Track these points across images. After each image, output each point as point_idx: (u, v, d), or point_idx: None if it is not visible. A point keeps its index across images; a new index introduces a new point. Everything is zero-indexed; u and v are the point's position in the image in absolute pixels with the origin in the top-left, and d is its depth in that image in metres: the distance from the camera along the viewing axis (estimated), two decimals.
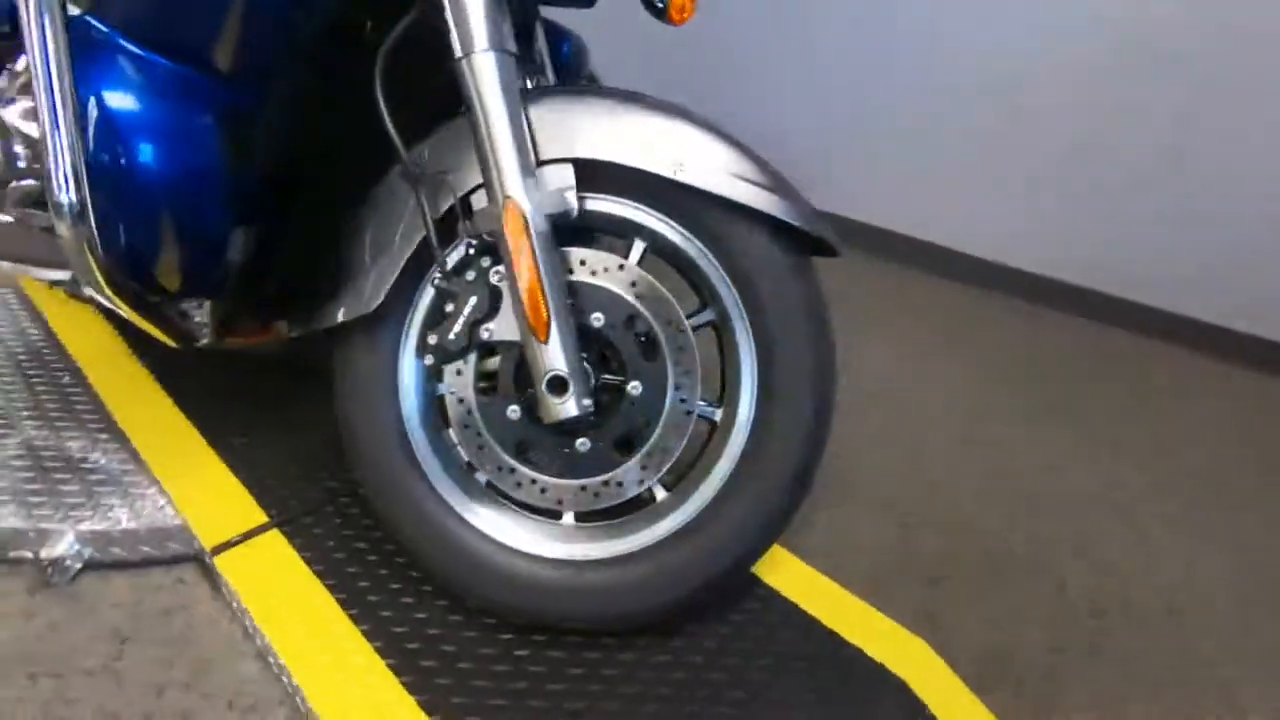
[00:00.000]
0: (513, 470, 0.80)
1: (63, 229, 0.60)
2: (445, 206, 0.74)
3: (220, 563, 0.90)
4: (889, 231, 2.21)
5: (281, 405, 1.20)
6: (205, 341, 0.90)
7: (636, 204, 0.77)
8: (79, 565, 0.92)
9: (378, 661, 0.81)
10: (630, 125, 0.73)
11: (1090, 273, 1.87)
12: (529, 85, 0.97)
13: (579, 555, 0.81)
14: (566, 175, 0.74)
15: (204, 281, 0.79)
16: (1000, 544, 1.10)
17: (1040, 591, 1.03)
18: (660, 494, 0.83)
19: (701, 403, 0.82)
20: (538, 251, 0.69)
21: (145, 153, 0.67)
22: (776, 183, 0.74)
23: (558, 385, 0.71)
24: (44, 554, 0.90)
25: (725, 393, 0.81)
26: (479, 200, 0.74)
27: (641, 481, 0.79)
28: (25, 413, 1.10)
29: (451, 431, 0.81)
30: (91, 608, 0.89)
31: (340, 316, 0.76)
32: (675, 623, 0.87)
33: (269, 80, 0.74)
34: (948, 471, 1.25)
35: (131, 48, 0.67)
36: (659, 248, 0.79)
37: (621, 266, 0.76)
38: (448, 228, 0.75)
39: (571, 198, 0.73)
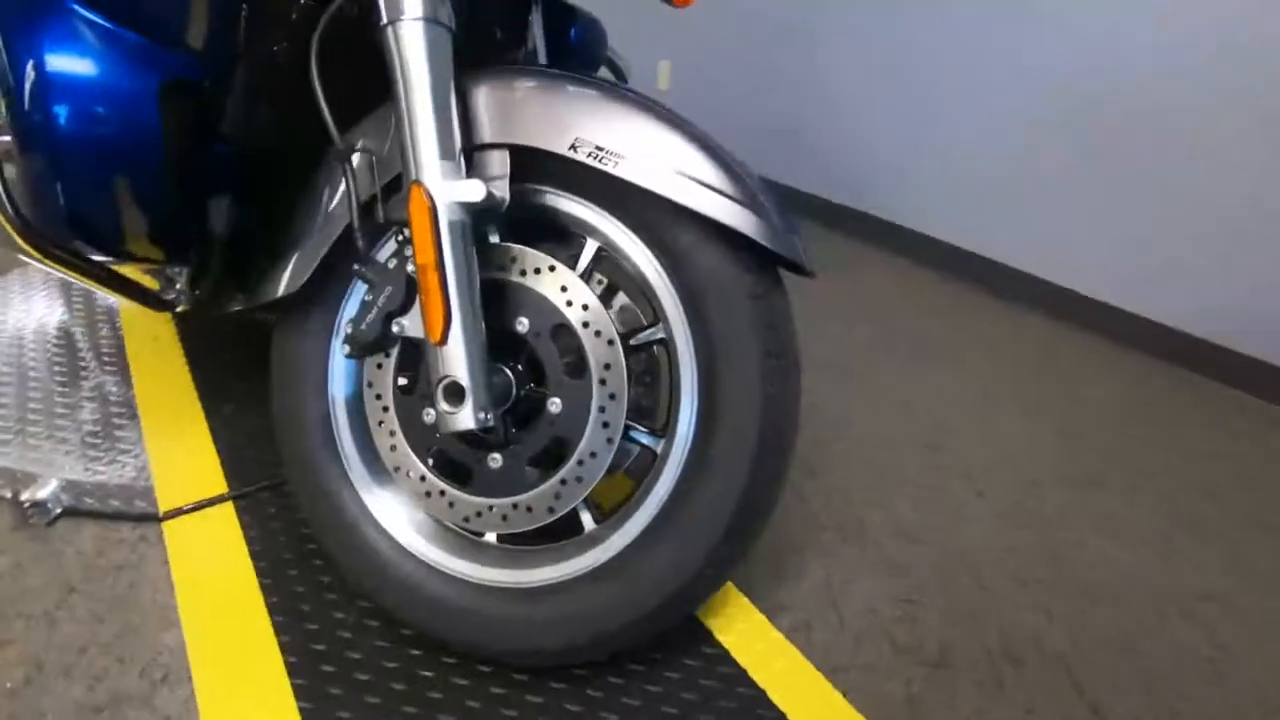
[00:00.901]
0: (423, 478, 0.74)
1: None
2: (371, 191, 0.69)
3: (168, 528, 0.91)
4: (993, 262, 1.99)
5: None
6: (181, 308, 0.91)
7: (587, 202, 0.69)
8: (58, 510, 0.96)
9: (277, 657, 0.78)
10: (582, 113, 0.64)
11: (1212, 321, 1.56)
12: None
13: (491, 579, 0.74)
14: (501, 162, 0.67)
15: (152, 245, 0.78)
16: (1024, 640, 0.91)
17: (1064, 711, 0.83)
18: (589, 524, 0.74)
19: (642, 429, 0.73)
20: (443, 243, 0.62)
21: (88, 113, 0.67)
22: (743, 191, 0.63)
23: (453, 392, 0.64)
24: (25, 496, 0.94)
25: (668, 422, 0.71)
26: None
27: (552, 510, 0.70)
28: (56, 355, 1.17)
29: (371, 429, 0.77)
30: (56, 553, 0.93)
31: (261, 297, 0.73)
32: (600, 667, 0.78)
33: (217, 52, 0.73)
34: (984, 541, 1.07)
35: (83, 11, 0.67)
36: (611, 253, 0.70)
37: (554, 269, 0.68)
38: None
39: (500, 187, 0.66)
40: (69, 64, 0.66)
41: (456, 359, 0.63)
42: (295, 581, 0.86)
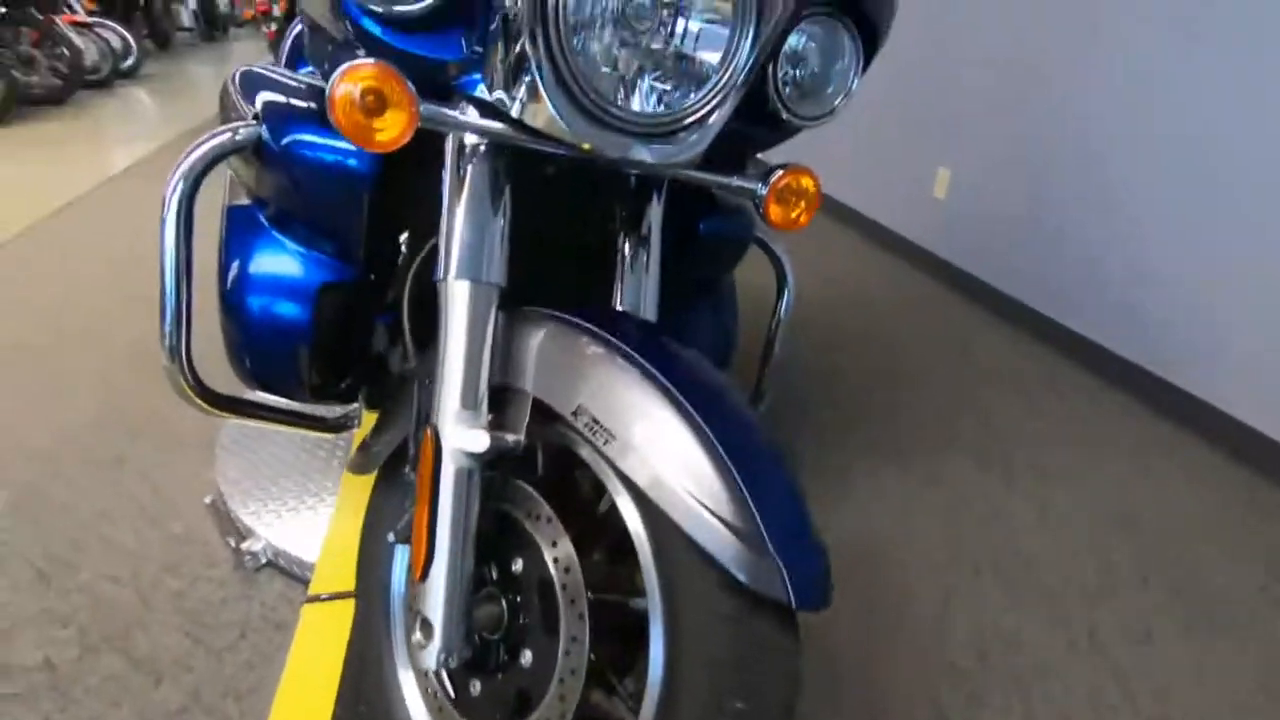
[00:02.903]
0: (427, 674, 0.78)
1: (164, 359, 0.82)
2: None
3: (305, 611, 1.11)
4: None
5: None
6: (356, 429, 1.12)
7: (597, 457, 0.68)
8: (263, 561, 1.23)
9: None
10: (592, 379, 0.64)
11: None
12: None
13: None
14: (521, 407, 0.69)
15: (325, 393, 0.97)
16: None
17: None
18: None
19: (620, 693, 0.68)
20: (440, 489, 0.66)
21: (271, 302, 0.87)
22: (735, 510, 0.55)
23: (425, 628, 0.67)
24: (244, 545, 1.23)
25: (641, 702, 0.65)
26: None
27: None
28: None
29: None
30: (248, 597, 1.19)
31: (349, 467, 0.85)
32: None
33: (378, 257, 0.88)
34: None
35: (271, 231, 0.88)
36: (616, 511, 0.68)
37: (550, 520, 0.68)
38: None
39: (516, 432, 0.68)
40: (259, 265, 0.87)
41: (433, 599, 0.66)
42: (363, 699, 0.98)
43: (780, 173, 0.76)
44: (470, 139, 0.67)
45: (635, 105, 0.62)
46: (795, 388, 1.99)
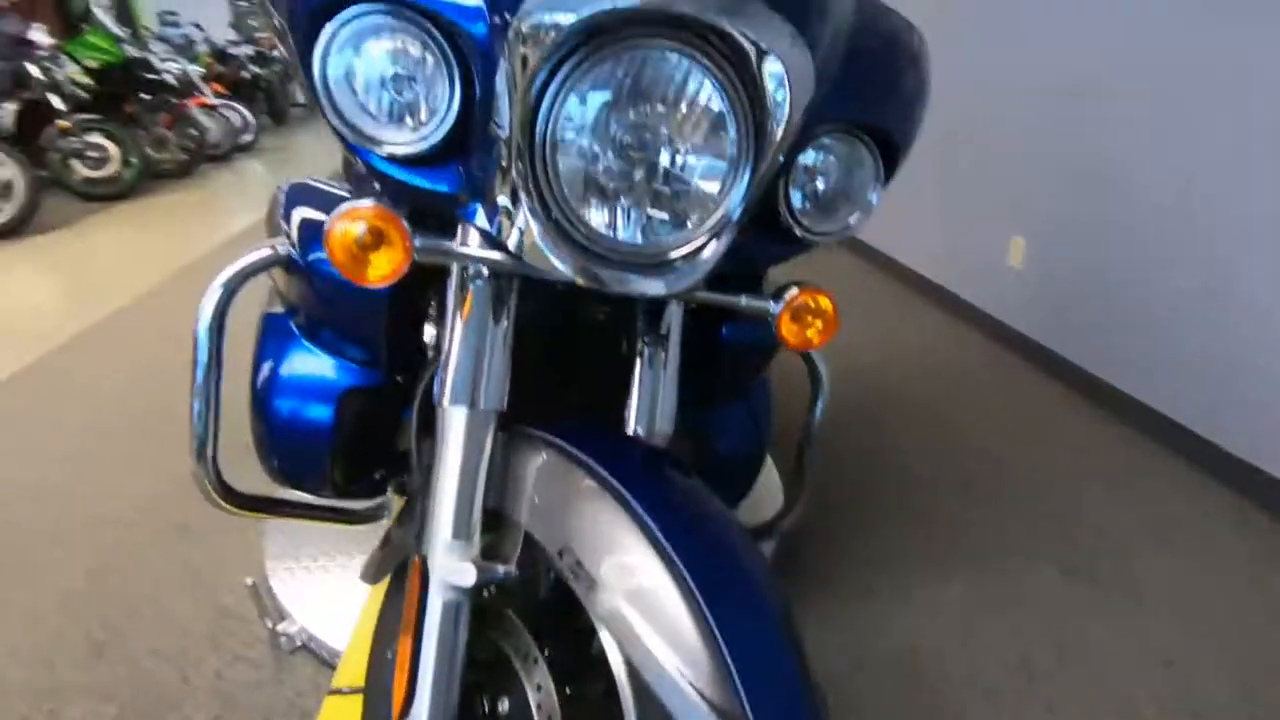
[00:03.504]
0: None
1: (192, 461, 0.85)
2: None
3: (327, 702, 1.10)
4: None
5: None
6: (386, 520, 1.13)
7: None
8: (298, 644, 1.25)
9: None
10: (580, 518, 0.61)
11: None
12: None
13: None
14: (514, 538, 0.67)
15: (350, 489, 0.99)
16: None
17: None
18: None
19: None
20: (425, 620, 0.64)
21: (294, 405, 0.90)
22: (725, 695, 0.50)
23: None
24: (280, 627, 1.25)
25: None
26: None
27: None
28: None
29: None
30: (280, 681, 1.20)
31: (361, 573, 0.85)
32: None
33: (399, 365, 0.90)
34: None
35: (300, 338, 0.91)
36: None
37: (536, 661, 0.65)
38: None
39: (508, 563, 0.66)
40: (287, 369, 0.91)
41: None
42: None
43: (795, 291, 0.73)
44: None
45: (626, 239, 0.61)
46: (849, 471, 1.89)
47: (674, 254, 0.63)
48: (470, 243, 0.66)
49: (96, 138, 4.55)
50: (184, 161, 5.34)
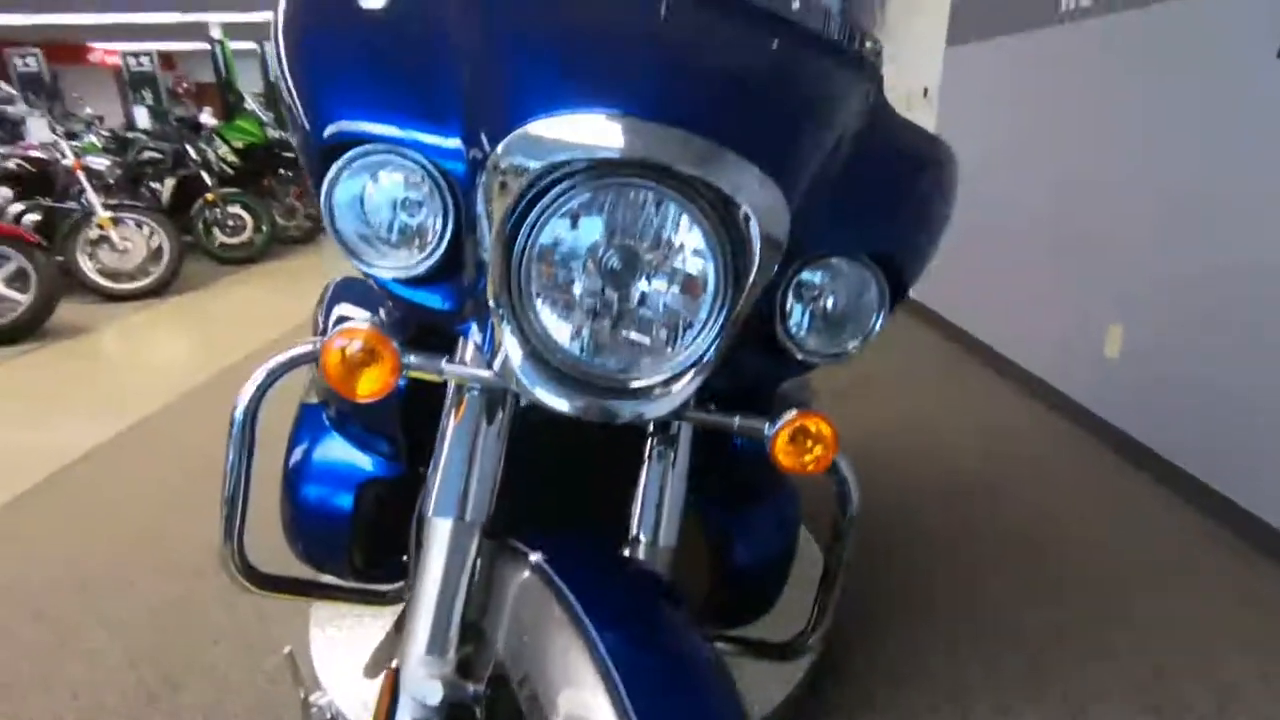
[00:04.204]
0: None
1: (219, 540, 0.90)
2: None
3: None
4: None
5: None
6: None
7: None
8: (326, 718, 1.27)
9: None
10: (554, 657, 0.59)
11: None
12: None
13: None
14: (487, 658, 0.66)
15: (367, 574, 1.01)
16: None
17: None
18: None
19: None
20: None
21: (317, 492, 0.94)
22: None
23: None
24: (312, 698, 1.28)
25: None
26: None
27: None
28: None
29: None
30: None
31: (364, 669, 0.86)
32: None
33: (404, 457, 0.93)
34: None
35: (329, 428, 0.95)
36: None
37: None
38: None
39: (475, 687, 0.65)
40: (313, 457, 0.95)
41: None
42: None
43: (793, 414, 0.70)
44: None
45: (601, 367, 0.61)
46: (910, 570, 1.76)
47: (651, 382, 0.62)
48: (466, 359, 0.68)
49: (237, 209, 5.11)
50: (308, 229, 5.89)
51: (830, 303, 0.70)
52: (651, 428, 0.76)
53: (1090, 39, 2.44)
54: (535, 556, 0.68)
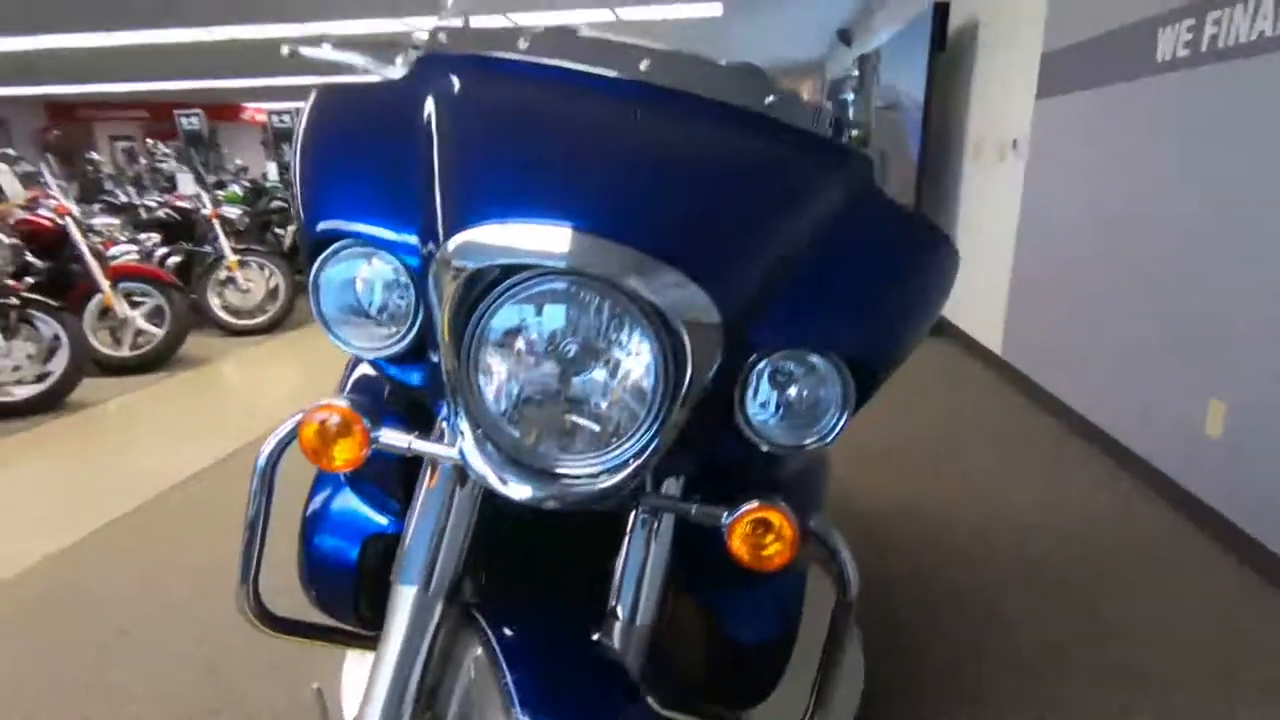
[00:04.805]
0: None
1: (237, 581, 0.97)
2: None
3: None
4: None
5: None
6: None
7: None
8: None
9: None
10: None
11: None
12: None
13: None
14: None
15: (373, 624, 1.06)
16: None
17: None
18: None
19: None
20: None
21: (325, 543, 0.99)
22: None
23: None
24: None
25: None
26: None
27: None
28: None
29: None
30: None
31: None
32: None
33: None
34: None
35: (344, 484, 1.02)
36: None
37: None
38: None
39: None
40: (326, 510, 1.01)
41: None
42: None
43: (752, 505, 0.68)
44: None
45: (544, 454, 0.63)
46: (962, 661, 1.63)
47: (595, 469, 0.64)
48: (438, 435, 0.72)
49: None
50: None
51: (790, 396, 0.69)
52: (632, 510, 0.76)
53: (1192, 89, 2.28)
54: (495, 633, 0.70)
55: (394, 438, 0.70)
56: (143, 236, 4.75)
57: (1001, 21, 3.75)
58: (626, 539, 0.76)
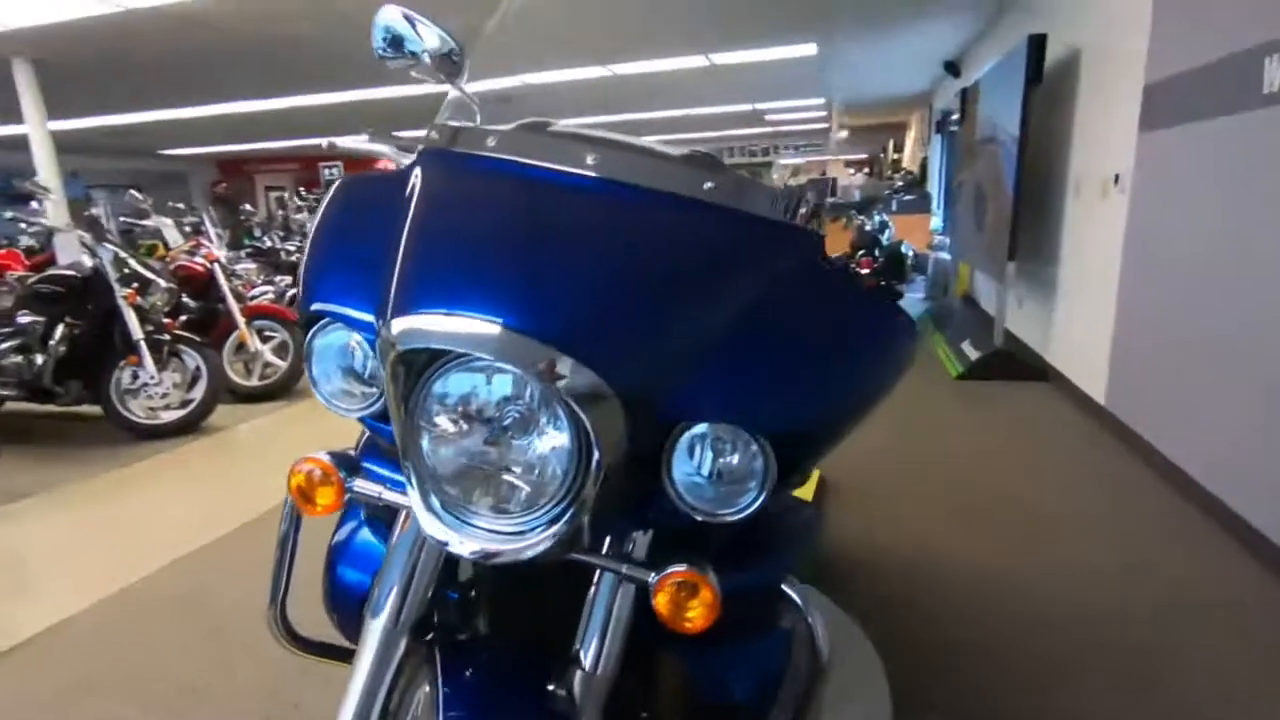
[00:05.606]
0: None
1: (267, 602, 1.09)
2: None
3: None
4: None
5: None
6: None
7: None
8: None
9: None
10: None
11: None
12: None
13: None
14: None
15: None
16: None
17: None
18: None
19: None
20: None
21: (346, 573, 1.09)
22: None
23: None
24: None
25: None
26: None
27: None
28: None
29: None
30: None
31: None
32: None
33: None
34: None
35: (364, 518, 1.12)
36: None
37: None
38: None
39: None
40: (349, 541, 1.10)
41: None
42: None
43: (679, 568, 0.71)
44: None
45: (475, 509, 0.71)
46: None
47: (525, 527, 0.70)
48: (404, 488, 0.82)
49: None
50: None
51: (709, 467, 0.72)
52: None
53: None
54: (439, 673, 0.77)
55: (367, 488, 0.80)
56: (278, 278, 5.34)
57: (1102, 52, 3.54)
58: (593, 588, 0.81)
